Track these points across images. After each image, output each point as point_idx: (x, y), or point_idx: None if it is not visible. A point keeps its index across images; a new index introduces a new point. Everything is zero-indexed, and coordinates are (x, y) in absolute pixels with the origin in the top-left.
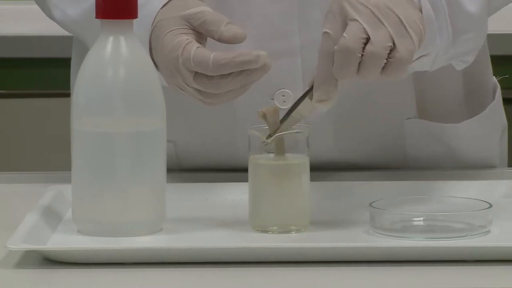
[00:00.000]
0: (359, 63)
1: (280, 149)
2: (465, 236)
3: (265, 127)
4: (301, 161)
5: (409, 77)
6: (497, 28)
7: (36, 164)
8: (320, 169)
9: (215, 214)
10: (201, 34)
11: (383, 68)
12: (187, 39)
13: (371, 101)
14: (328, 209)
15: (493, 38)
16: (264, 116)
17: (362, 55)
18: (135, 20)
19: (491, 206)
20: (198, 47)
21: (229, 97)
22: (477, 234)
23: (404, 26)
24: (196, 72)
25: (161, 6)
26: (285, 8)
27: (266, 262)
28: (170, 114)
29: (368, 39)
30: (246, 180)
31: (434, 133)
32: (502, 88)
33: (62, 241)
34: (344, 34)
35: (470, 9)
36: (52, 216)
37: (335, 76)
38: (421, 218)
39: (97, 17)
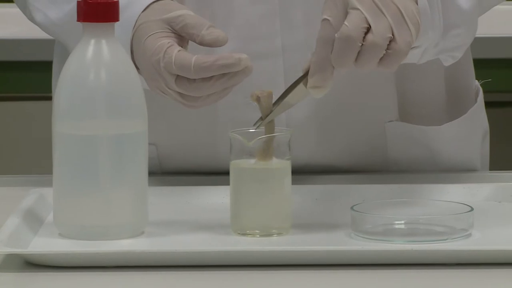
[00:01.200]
0: (358, 52)
1: (269, 134)
2: (446, 239)
3: (247, 130)
4: (282, 165)
5: (391, 80)
6: (479, 31)
7: (17, 167)
8: (302, 172)
9: (197, 218)
10: (182, 38)
11: (381, 58)
12: (168, 42)
13: (353, 104)
14: (310, 212)
15: (475, 42)
16: (257, 99)
17: (362, 44)
18: (116, 23)
19: (472, 209)
20: (179, 50)
21: (211, 100)
22: (458, 238)
23: (404, 18)
24: (177, 76)
25: (142, 9)
26: (267, 9)
27: (247, 266)
28: (152, 117)
29: (368, 29)
30: (227, 183)
31: (415, 135)
32: (484, 92)
33: (43, 244)
34: (346, 23)
35: (462, 4)
36: (33, 220)
37: (333, 63)
38: (403, 222)
39: (78, 20)
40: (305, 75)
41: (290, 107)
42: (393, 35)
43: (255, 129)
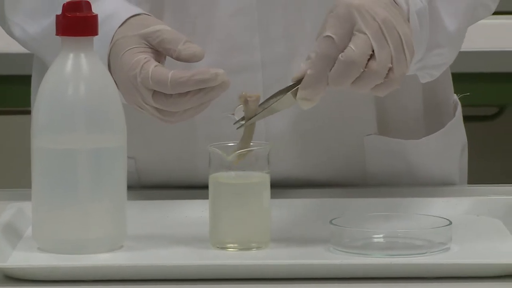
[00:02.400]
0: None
1: (248, 136)
2: (425, 253)
3: (226, 144)
4: (261, 178)
5: (370, 94)
6: None
7: None
8: (281, 186)
9: (175, 231)
10: (159, 53)
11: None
12: (145, 57)
13: (332, 118)
14: (289, 226)
15: None
16: (245, 101)
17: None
18: (94, 38)
19: (451, 223)
20: (156, 65)
21: (188, 115)
22: (437, 251)
23: (403, 48)
24: (154, 91)
25: (120, 24)
26: (246, 23)
27: (226, 280)
28: (131, 130)
29: (371, 55)
30: (206, 197)
31: (394, 149)
32: (463, 106)
33: (22, 258)
34: (352, 46)
35: (449, 26)
36: (12, 234)
37: (330, 82)
38: (381, 235)
39: (57, 34)
40: (295, 85)
41: (274, 113)
42: (391, 63)
43: (237, 128)
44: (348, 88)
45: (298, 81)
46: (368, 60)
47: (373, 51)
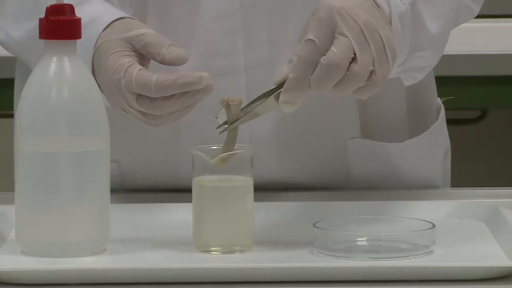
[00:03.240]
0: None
1: (231, 140)
2: (408, 256)
3: (210, 147)
4: (244, 182)
5: (353, 97)
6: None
7: None
8: (265, 189)
9: (159, 235)
10: (143, 56)
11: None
12: (129, 61)
13: (315, 121)
14: (272, 229)
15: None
16: (227, 106)
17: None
18: (77, 41)
19: (434, 226)
20: (140, 69)
21: (172, 118)
22: (420, 254)
23: (385, 51)
24: (138, 94)
25: (103, 28)
26: (229, 27)
27: (210, 283)
28: (114, 133)
29: (353, 58)
30: (190, 200)
31: (377, 152)
32: (446, 109)
33: (6, 262)
34: (334, 49)
35: (431, 28)
36: None
37: (311, 85)
38: (365, 238)
39: (40, 37)
40: (277, 88)
41: (256, 117)
42: (373, 66)
43: (220, 133)
44: (330, 91)
45: (280, 85)
46: (350, 63)
47: (354, 54)
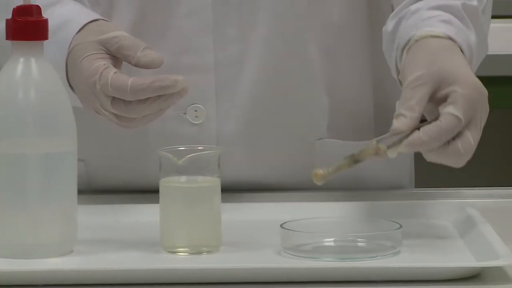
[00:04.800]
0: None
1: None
2: (375, 256)
3: (177, 148)
4: (212, 183)
5: (322, 95)
6: None
7: None
8: (232, 190)
9: (126, 236)
10: (117, 58)
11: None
12: (104, 64)
13: (283, 122)
14: (240, 230)
15: None
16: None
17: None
18: (50, 44)
19: (401, 227)
20: (115, 72)
21: (146, 120)
22: (387, 255)
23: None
24: (113, 97)
25: (77, 30)
26: (200, 23)
27: (177, 284)
28: (81, 132)
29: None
30: (157, 201)
31: (344, 152)
32: None
33: None
34: (469, 135)
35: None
36: None
37: (423, 145)
38: (332, 239)
39: (7, 38)
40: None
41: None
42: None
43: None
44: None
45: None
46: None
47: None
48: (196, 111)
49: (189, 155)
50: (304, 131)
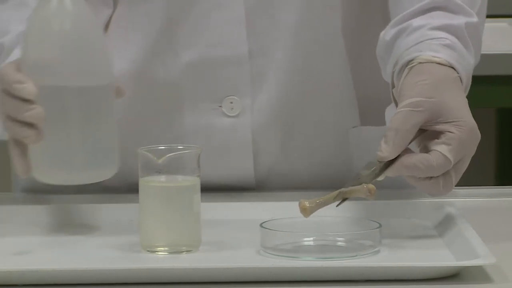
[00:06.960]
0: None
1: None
2: (355, 256)
3: (156, 147)
4: (192, 182)
5: (351, 84)
6: None
7: None
8: (212, 190)
9: (106, 235)
10: None
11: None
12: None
13: (315, 111)
14: (219, 229)
15: None
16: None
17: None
18: None
19: (380, 226)
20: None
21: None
22: (367, 254)
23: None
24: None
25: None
26: (232, 15)
27: (156, 283)
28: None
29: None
30: (137, 201)
31: (380, 139)
32: None
33: None
34: (453, 178)
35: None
36: None
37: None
38: (312, 239)
39: None
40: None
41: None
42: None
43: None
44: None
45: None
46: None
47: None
48: (231, 103)
49: (169, 154)
50: (337, 119)
